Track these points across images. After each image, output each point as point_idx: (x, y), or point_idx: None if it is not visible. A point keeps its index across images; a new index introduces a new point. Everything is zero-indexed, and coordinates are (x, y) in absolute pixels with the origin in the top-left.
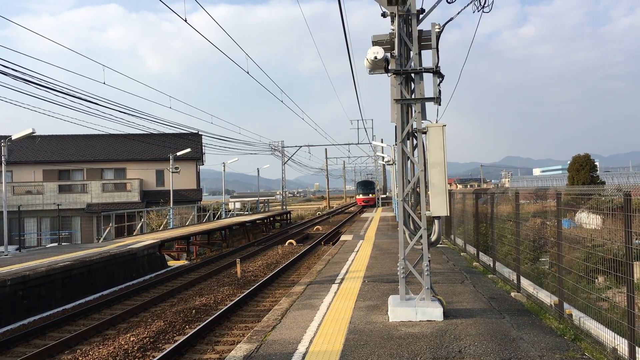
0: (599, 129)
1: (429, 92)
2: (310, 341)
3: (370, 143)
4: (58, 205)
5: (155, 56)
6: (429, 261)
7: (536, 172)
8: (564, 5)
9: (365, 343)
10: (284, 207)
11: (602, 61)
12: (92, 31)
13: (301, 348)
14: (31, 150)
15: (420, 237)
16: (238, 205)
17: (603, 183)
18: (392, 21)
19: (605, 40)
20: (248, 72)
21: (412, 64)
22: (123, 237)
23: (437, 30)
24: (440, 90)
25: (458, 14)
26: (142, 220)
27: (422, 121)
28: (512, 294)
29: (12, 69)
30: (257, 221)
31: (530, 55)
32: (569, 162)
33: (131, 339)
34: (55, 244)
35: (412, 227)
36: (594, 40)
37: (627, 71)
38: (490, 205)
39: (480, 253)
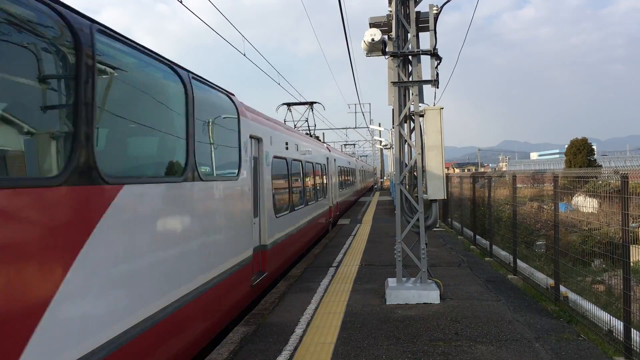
0: (598, 113)
1: (426, 74)
2: (308, 323)
3: (367, 127)
4: None
5: (151, 38)
6: (426, 244)
7: (534, 156)
8: None
9: (362, 325)
10: None
11: (602, 44)
12: (86, 13)
13: (298, 330)
14: None
15: (417, 220)
16: None
17: (600, 166)
18: (390, 2)
19: (605, 23)
20: (245, 55)
21: (410, 46)
22: None
23: (435, 12)
24: (437, 73)
25: None
26: None
27: (420, 104)
28: (509, 276)
29: None
30: None
31: (529, 38)
32: (566, 146)
33: None
34: None
35: (409, 210)
36: (594, 23)
37: (627, 54)
38: (487, 189)
39: (477, 236)
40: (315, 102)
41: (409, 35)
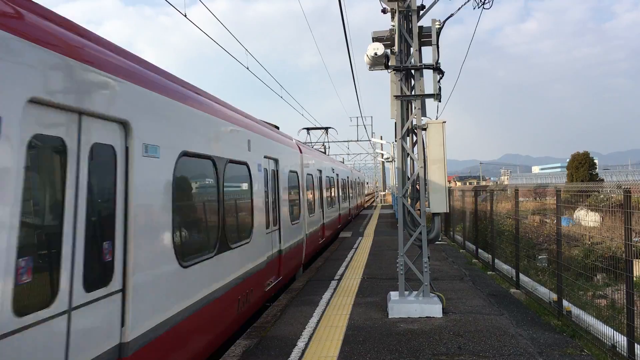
0: (599, 127)
1: (429, 88)
2: (310, 337)
3: (369, 140)
4: None
5: (153, 50)
6: (428, 258)
7: (535, 169)
8: (567, 0)
9: (365, 339)
10: None
11: (604, 58)
12: (89, 24)
13: (300, 344)
14: None
15: (420, 233)
16: None
17: (602, 181)
18: (393, 17)
19: (608, 37)
20: (248, 68)
21: (412, 60)
22: None
23: (438, 26)
24: (440, 87)
25: (458, 10)
26: None
27: (422, 118)
28: (511, 290)
29: None
30: None
31: (532, 52)
32: (568, 160)
33: None
34: None
35: (411, 224)
36: (596, 37)
37: (628, 68)
38: (489, 203)
39: (480, 250)
40: (329, 128)
41: (412, 49)
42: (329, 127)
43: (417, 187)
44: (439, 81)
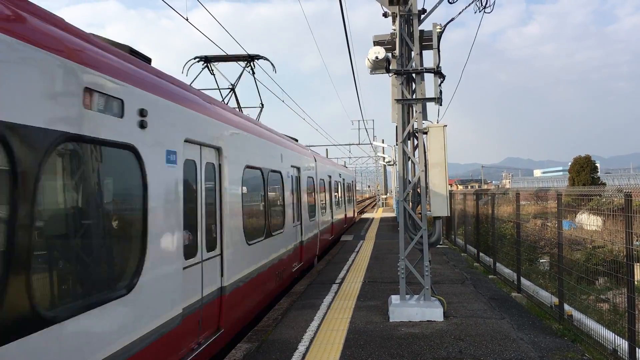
0: (601, 130)
1: (430, 92)
2: (311, 341)
3: (371, 143)
4: None
5: (155, 53)
6: (430, 261)
7: (537, 173)
8: (569, 4)
9: (366, 343)
10: None
11: (606, 61)
12: (91, 28)
13: (301, 347)
14: None
15: (421, 237)
16: None
17: (604, 184)
18: (394, 21)
19: (610, 40)
20: (249, 72)
21: (414, 64)
22: None
23: (439, 30)
24: (441, 91)
25: (459, 14)
26: None
27: (423, 121)
28: (513, 294)
29: None
30: None
31: (533, 55)
32: (570, 163)
33: None
34: None
35: (412, 227)
36: (598, 40)
37: (630, 71)
38: (491, 206)
39: (481, 254)
40: (259, 57)
41: (413, 53)
42: (258, 56)
43: (418, 190)
44: (440, 85)
